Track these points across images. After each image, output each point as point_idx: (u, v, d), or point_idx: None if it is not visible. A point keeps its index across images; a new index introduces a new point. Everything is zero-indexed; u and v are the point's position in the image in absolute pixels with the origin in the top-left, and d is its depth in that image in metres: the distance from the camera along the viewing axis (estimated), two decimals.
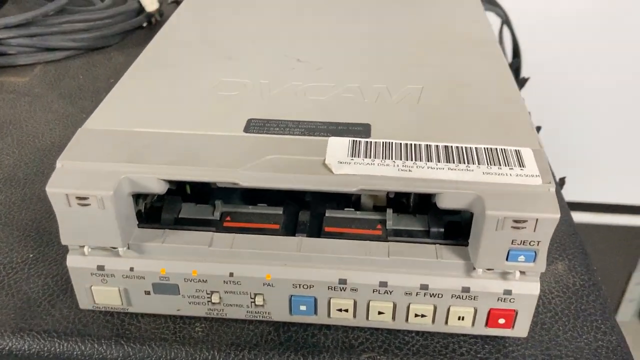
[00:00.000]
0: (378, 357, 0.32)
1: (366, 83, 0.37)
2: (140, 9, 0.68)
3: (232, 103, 0.35)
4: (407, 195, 0.32)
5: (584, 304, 0.35)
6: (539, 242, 0.28)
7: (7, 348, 0.33)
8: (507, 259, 0.29)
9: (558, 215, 0.27)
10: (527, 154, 0.30)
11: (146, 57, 0.41)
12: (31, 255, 0.39)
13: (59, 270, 0.37)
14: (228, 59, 0.40)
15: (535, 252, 0.28)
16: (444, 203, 0.29)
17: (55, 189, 0.29)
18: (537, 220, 0.27)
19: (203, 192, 0.34)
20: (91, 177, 0.29)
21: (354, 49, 0.42)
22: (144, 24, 0.70)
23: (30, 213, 0.42)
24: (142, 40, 0.67)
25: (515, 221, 0.27)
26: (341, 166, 0.29)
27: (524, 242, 0.28)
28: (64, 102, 0.56)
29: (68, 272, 0.37)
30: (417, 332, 0.33)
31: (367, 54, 0.42)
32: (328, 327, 0.34)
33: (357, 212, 0.33)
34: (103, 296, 0.32)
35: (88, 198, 0.29)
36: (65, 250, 0.38)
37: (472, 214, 0.30)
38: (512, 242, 0.28)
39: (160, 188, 0.30)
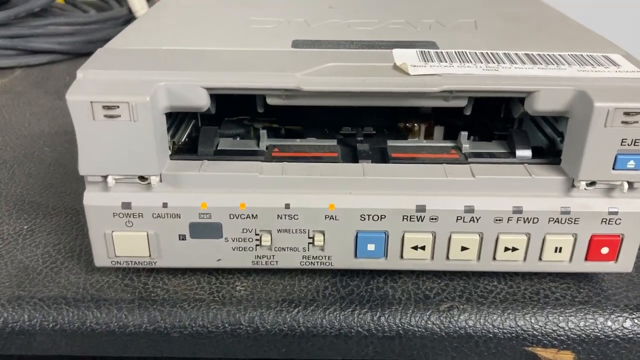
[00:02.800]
0: (461, 306, 0.27)
1: (413, 19, 0.34)
2: (130, 16, 0.64)
3: (270, 32, 0.31)
4: (483, 118, 0.28)
5: None
6: None
7: (0, 320, 0.27)
8: (613, 167, 0.25)
9: None
10: (618, 57, 0.27)
11: (162, 4, 0.37)
12: (25, 227, 0.32)
13: (62, 239, 0.31)
14: (252, 7, 0.37)
15: None
16: (539, 104, 0.25)
17: (78, 96, 0.24)
18: None
19: (240, 126, 0.29)
20: (122, 84, 0.24)
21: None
22: None
23: (19, 189, 0.36)
24: None
25: (626, 114, 0.24)
26: (416, 68, 0.25)
27: (635, 142, 0.24)
28: (50, 98, 0.51)
29: (72, 242, 0.31)
30: (500, 280, 0.28)
31: (403, 2, 0.39)
32: (394, 278, 0.28)
33: (424, 141, 0.29)
34: (127, 245, 0.26)
35: (118, 107, 0.24)
36: (69, 219, 0.33)
37: (552, 141, 0.27)
38: (622, 142, 0.24)
39: (203, 101, 0.25)
